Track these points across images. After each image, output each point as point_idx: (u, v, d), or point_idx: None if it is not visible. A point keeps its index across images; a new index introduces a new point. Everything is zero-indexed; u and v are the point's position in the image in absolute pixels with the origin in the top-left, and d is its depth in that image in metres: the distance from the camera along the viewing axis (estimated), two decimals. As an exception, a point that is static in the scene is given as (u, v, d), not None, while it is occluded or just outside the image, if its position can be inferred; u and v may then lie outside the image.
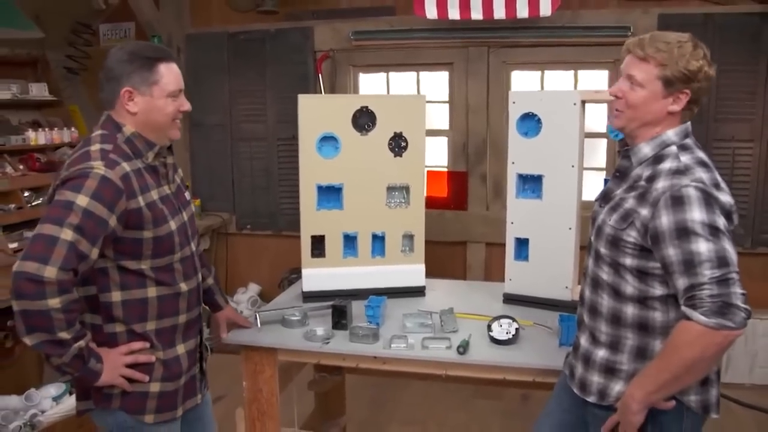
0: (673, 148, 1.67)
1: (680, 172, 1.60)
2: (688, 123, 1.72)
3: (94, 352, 1.76)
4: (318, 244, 2.75)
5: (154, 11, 4.72)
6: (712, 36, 3.94)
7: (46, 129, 4.58)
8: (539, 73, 4.53)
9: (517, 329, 2.25)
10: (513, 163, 2.66)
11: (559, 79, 4.53)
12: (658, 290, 1.65)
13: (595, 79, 4.48)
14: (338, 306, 2.40)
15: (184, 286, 1.92)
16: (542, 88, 4.52)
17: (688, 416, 1.68)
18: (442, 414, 3.75)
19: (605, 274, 1.74)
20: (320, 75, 4.67)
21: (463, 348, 2.17)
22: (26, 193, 4.17)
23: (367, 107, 2.70)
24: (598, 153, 4.52)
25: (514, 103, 2.63)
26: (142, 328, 1.84)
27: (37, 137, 4.43)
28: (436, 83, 4.70)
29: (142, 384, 1.85)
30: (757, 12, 4.00)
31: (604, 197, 1.82)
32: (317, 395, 3.16)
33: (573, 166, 2.54)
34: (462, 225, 4.57)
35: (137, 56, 1.80)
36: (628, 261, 1.67)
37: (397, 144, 2.74)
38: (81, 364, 1.72)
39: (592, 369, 1.79)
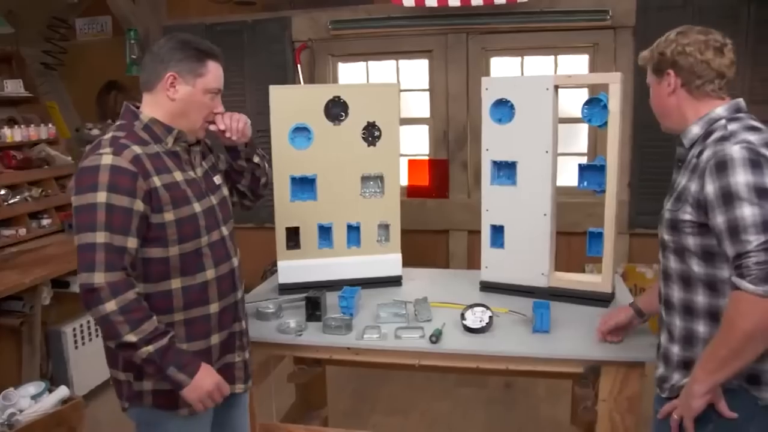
0: (722, 122, 1.64)
1: (724, 138, 1.57)
2: (740, 99, 1.70)
3: (178, 360, 1.72)
4: (293, 236, 2.73)
5: (129, 4, 4.66)
6: (691, 18, 3.92)
7: (22, 126, 4.53)
8: (519, 59, 4.51)
9: (490, 317, 2.24)
10: (487, 149, 2.64)
11: (539, 65, 4.51)
12: (726, 272, 1.57)
13: (576, 64, 4.46)
14: (312, 297, 2.39)
15: (211, 273, 1.88)
16: (522, 74, 4.50)
17: (761, 414, 1.60)
18: (425, 403, 3.75)
19: (672, 263, 1.71)
20: (299, 65, 4.63)
21: (436, 337, 2.16)
22: (2, 191, 4.12)
23: (339, 97, 2.68)
24: (580, 138, 4.51)
25: (487, 89, 2.61)
26: (169, 319, 1.81)
27: (12, 134, 4.37)
28: (415, 71, 4.67)
29: None
30: (736, -7, 3.99)
31: (670, 188, 1.79)
32: (298, 387, 3.15)
33: (547, 152, 2.52)
34: (444, 213, 4.55)
35: (190, 46, 1.83)
36: (691, 242, 1.62)
37: (371, 133, 2.72)
38: (155, 369, 1.71)
39: (671, 367, 1.74)
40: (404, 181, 4.69)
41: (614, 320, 2.10)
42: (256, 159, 2.19)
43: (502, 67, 4.54)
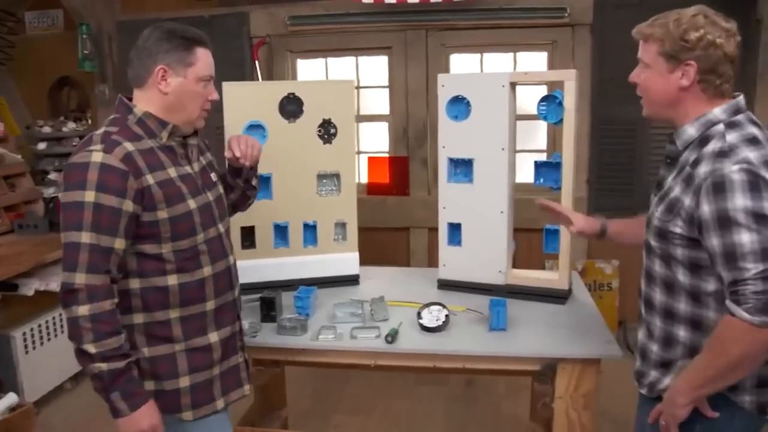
0: (720, 127, 1.55)
1: (723, 153, 1.48)
2: (740, 99, 1.59)
3: (126, 388, 1.65)
4: (248, 236, 2.68)
5: (82, -3, 4.54)
6: (647, 15, 3.93)
7: (-31, 123, 4.38)
8: (478, 56, 4.50)
9: (447, 316, 2.23)
10: (444, 147, 2.62)
11: (498, 62, 4.51)
12: (711, 285, 1.55)
13: (535, 61, 4.48)
14: (266, 298, 2.34)
15: (208, 270, 1.83)
16: (482, 71, 4.50)
17: (741, 417, 1.61)
18: (386, 402, 3.73)
19: (657, 267, 1.67)
20: (257, 62, 4.56)
21: (392, 337, 2.13)
22: (-52, 191, 3.98)
23: (293, 94, 2.63)
24: (539, 135, 4.53)
25: (443, 86, 2.59)
26: (165, 316, 1.77)
27: (-42, 132, 4.23)
28: (375, 68, 4.64)
29: (171, 381, 1.78)
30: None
31: (657, 185, 1.73)
32: (256, 388, 3.08)
33: (503, 149, 2.51)
34: (404, 211, 4.53)
35: (176, 35, 1.76)
36: (679, 252, 1.58)
37: (327, 131, 2.68)
38: (101, 387, 1.65)
39: (648, 364, 1.75)
40: (364, 178, 4.66)
41: (577, 219, 2.00)
42: (254, 182, 2.21)
43: (462, 63, 4.53)
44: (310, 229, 2.74)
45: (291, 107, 2.64)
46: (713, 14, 1.56)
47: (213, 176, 1.96)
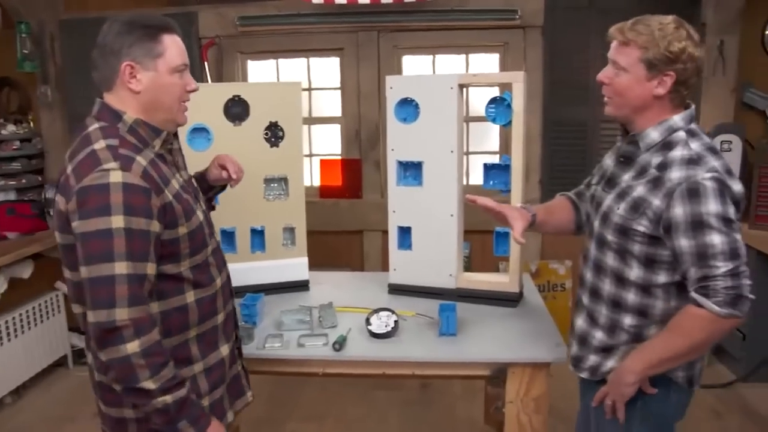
0: (682, 134, 1.66)
1: (694, 161, 1.60)
2: (693, 108, 1.70)
3: (191, 413, 1.56)
4: (193, 242, 2.60)
5: (20, -6, 4.37)
6: (595, 18, 3.99)
7: None
8: (431, 57, 4.48)
9: (396, 321, 2.19)
10: (392, 150, 2.59)
11: (450, 64, 4.50)
12: (662, 278, 1.69)
13: (487, 63, 4.48)
14: (211, 307, 2.27)
15: (219, 282, 1.75)
16: (434, 72, 4.48)
17: (674, 391, 1.77)
18: (340, 408, 3.68)
19: (610, 260, 1.76)
20: (206, 63, 4.45)
21: (340, 344, 2.09)
22: None
23: (239, 96, 2.57)
24: (492, 136, 4.53)
25: (391, 88, 2.56)
26: (183, 338, 1.67)
27: None
28: (327, 69, 4.57)
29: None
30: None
31: (608, 182, 1.81)
32: (205, 399, 3.01)
33: (452, 152, 2.49)
34: (357, 213, 4.48)
35: (137, 26, 1.57)
36: (637, 248, 1.69)
37: (273, 134, 2.63)
38: (165, 421, 1.54)
39: (588, 349, 1.85)
40: (317, 181, 4.61)
41: (503, 208, 1.97)
42: (215, 200, 2.18)
43: (414, 65, 4.50)
44: (257, 235, 2.68)
45: (236, 110, 2.58)
46: (688, 26, 1.64)
47: (193, 182, 1.88)
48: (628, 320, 1.75)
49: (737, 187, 1.60)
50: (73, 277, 1.60)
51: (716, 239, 1.55)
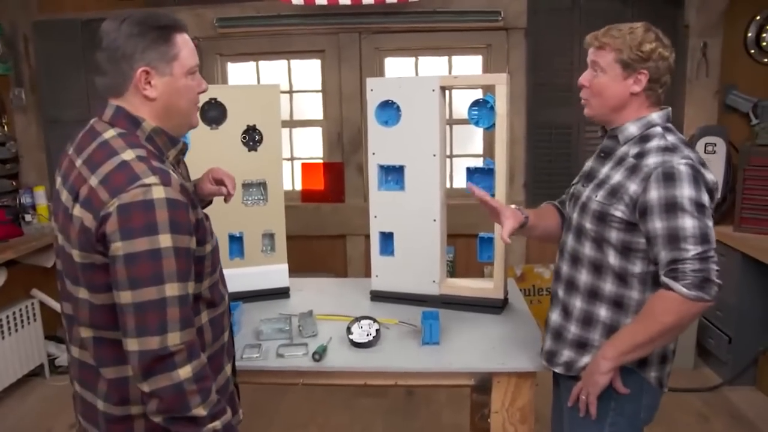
0: (658, 129, 1.74)
1: (670, 149, 1.67)
2: (669, 109, 1.79)
3: None
4: (170, 249, 2.53)
5: (-7, -5, 4.28)
6: (578, 20, 3.97)
7: None
8: (413, 59, 4.44)
9: (377, 330, 2.13)
10: (374, 153, 2.53)
11: (433, 65, 4.46)
12: (638, 267, 1.72)
13: (470, 65, 4.44)
14: (187, 316, 2.20)
15: (226, 299, 1.67)
16: (417, 74, 4.43)
17: (647, 391, 1.80)
18: (323, 416, 3.61)
19: (587, 249, 1.79)
20: (185, 65, 4.37)
21: (319, 354, 2.03)
22: None
23: (216, 99, 2.50)
24: (475, 139, 4.49)
25: (372, 90, 2.50)
26: None
27: None
28: (308, 72, 4.52)
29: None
30: (620, -3, 4.06)
31: (587, 177, 1.86)
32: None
33: (435, 155, 2.44)
34: (340, 218, 4.43)
35: (150, 27, 1.45)
36: (614, 236, 1.72)
37: (251, 137, 2.56)
38: None
39: (563, 344, 1.87)
40: (298, 185, 4.54)
41: (498, 204, 1.96)
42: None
43: (397, 67, 4.45)
44: (236, 241, 2.61)
45: (213, 113, 2.51)
46: (657, 30, 1.75)
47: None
48: (603, 312, 1.78)
49: (710, 176, 1.66)
50: (93, 299, 1.45)
51: (688, 222, 1.59)
